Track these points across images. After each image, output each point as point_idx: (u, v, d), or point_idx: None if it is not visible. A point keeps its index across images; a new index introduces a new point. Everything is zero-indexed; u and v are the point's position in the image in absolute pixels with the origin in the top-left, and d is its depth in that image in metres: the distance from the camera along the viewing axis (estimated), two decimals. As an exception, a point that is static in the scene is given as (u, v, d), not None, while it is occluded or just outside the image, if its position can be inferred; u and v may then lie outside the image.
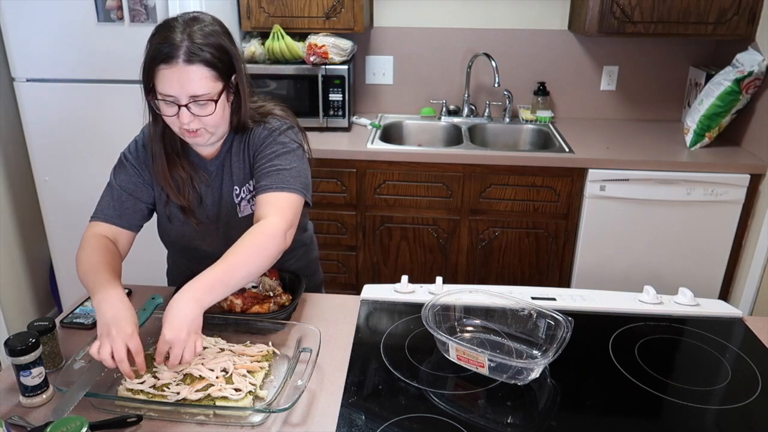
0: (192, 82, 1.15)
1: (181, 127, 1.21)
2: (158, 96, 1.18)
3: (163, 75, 1.15)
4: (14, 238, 2.56)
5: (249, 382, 1.06)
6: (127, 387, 1.05)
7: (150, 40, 1.19)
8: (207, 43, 1.16)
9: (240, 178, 1.36)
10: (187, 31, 1.16)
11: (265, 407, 1.02)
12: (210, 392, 1.03)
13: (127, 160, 1.35)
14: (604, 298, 1.43)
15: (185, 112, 1.17)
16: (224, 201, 1.37)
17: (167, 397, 1.03)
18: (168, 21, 1.20)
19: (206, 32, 1.18)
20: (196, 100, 1.17)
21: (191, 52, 1.14)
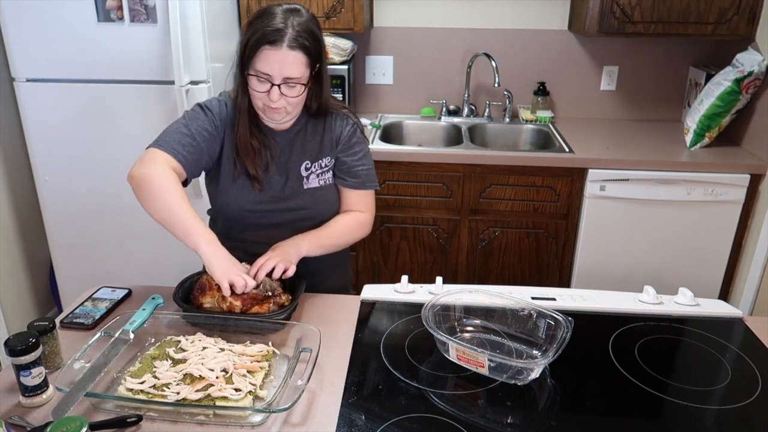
0: (290, 65, 1.29)
1: (265, 103, 1.33)
2: (253, 72, 1.30)
3: (266, 55, 1.28)
4: (14, 238, 2.56)
5: (249, 382, 1.07)
6: (127, 387, 1.05)
7: (252, 23, 1.31)
8: (307, 32, 1.30)
9: (314, 154, 1.48)
10: (290, 19, 1.29)
11: (265, 407, 1.02)
12: (210, 392, 1.03)
13: (209, 109, 1.41)
14: (604, 298, 1.43)
15: (276, 91, 1.30)
16: (291, 172, 1.47)
17: (167, 397, 1.03)
18: (269, 7, 1.32)
19: (306, 23, 1.31)
20: (287, 81, 1.30)
21: (294, 39, 1.28)
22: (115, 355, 1.13)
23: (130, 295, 1.43)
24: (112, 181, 2.37)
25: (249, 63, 1.31)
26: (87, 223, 2.44)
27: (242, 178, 1.44)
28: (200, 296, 1.31)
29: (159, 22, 2.14)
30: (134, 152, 1.79)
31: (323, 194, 1.50)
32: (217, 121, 1.41)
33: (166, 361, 1.12)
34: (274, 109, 1.35)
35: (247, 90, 1.36)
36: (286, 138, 1.47)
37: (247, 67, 1.32)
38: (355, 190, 1.52)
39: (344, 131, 1.49)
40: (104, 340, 1.16)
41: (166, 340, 1.19)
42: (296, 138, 1.48)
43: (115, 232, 2.45)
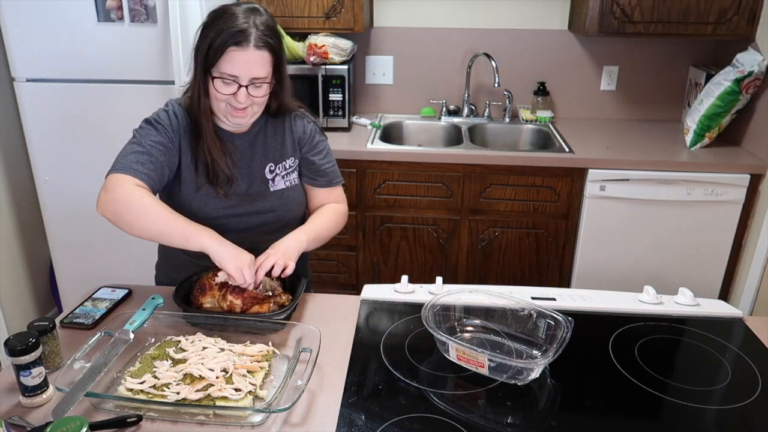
0: (257, 65, 1.28)
1: (232, 105, 1.31)
2: (218, 74, 1.28)
3: (233, 56, 1.26)
4: (14, 238, 2.56)
5: (249, 382, 1.06)
6: (127, 387, 1.05)
7: (211, 25, 1.29)
8: (271, 32, 1.30)
9: (277, 155, 1.48)
10: (252, 19, 1.28)
11: (265, 407, 1.02)
12: (210, 392, 1.03)
13: (158, 123, 1.38)
14: (604, 298, 1.43)
15: (243, 93, 1.29)
16: (254, 175, 1.46)
17: (167, 397, 1.03)
18: (229, 9, 1.29)
19: (268, 23, 1.31)
20: (254, 82, 1.29)
21: (261, 39, 1.27)
22: (115, 355, 1.12)
23: (130, 295, 1.43)
24: (112, 181, 2.37)
25: (213, 66, 1.28)
26: (87, 223, 2.44)
27: (205, 186, 1.41)
28: (200, 296, 1.30)
29: (159, 22, 2.15)
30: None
31: (290, 195, 1.50)
32: (169, 132, 1.37)
33: (166, 361, 1.12)
34: (239, 111, 1.33)
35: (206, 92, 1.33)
36: (246, 140, 1.45)
37: (210, 71, 1.29)
38: (325, 188, 1.54)
39: (306, 130, 1.50)
40: (104, 340, 1.16)
41: (166, 340, 1.19)
42: (256, 140, 1.46)
43: (115, 232, 2.42)
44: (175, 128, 1.38)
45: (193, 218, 1.38)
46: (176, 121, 1.39)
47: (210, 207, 1.42)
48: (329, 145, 1.56)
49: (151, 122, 1.38)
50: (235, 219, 1.44)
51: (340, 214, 1.55)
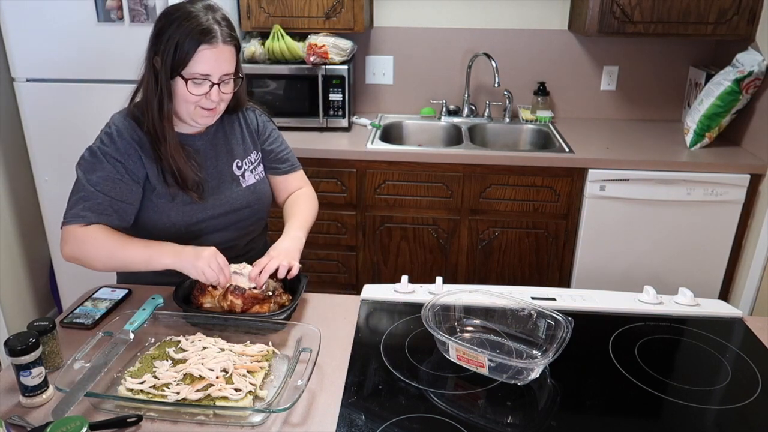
0: (226, 61, 1.28)
1: (201, 106, 1.29)
2: (188, 76, 1.25)
3: (204, 55, 1.24)
4: (14, 238, 2.56)
5: (249, 382, 1.06)
6: (127, 387, 1.05)
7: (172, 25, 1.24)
8: (231, 26, 1.30)
9: (240, 152, 1.48)
10: (211, 15, 1.27)
11: (265, 407, 1.02)
12: (210, 392, 1.03)
13: (105, 154, 1.31)
14: (604, 298, 1.43)
15: (216, 90, 1.28)
16: (223, 174, 1.45)
17: (167, 397, 1.03)
18: (186, 8, 1.26)
19: (226, 18, 1.30)
20: (224, 78, 1.29)
21: (227, 34, 1.27)
22: (115, 355, 1.12)
23: (130, 295, 1.43)
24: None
25: (183, 67, 1.24)
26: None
27: (180, 195, 1.37)
28: (200, 296, 1.31)
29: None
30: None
31: (261, 188, 1.51)
32: (117, 158, 1.31)
33: (166, 361, 1.12)
34: (209, 111, 1.31)
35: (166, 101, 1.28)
36: (206, 141, 1.43)
37: (179, 73, 1.25)
38: (289, 174, 1.58)
39: (259, 121, 1.52)
40: (104, 340, 1.16)
41: (166, 340, 1.19)
42: (216, 139, 1.45)
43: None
44: (124, 150, 1.32)
45: (173, 229, 1.39)
46: (122, 142, 1.32)
47: (188, 215, 1.40)
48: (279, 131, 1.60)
49: (95, 153, 1.31)
50: (214, 221, 1.44)
51: (313, 197, 1.60)
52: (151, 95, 1.30)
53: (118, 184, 1.31)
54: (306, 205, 1.55)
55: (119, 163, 1.31)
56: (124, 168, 1.32)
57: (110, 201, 1.30)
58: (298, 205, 1.54)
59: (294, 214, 1.51)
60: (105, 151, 1.31)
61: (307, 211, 1.53)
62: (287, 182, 1.58)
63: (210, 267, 1.25)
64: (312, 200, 1.59)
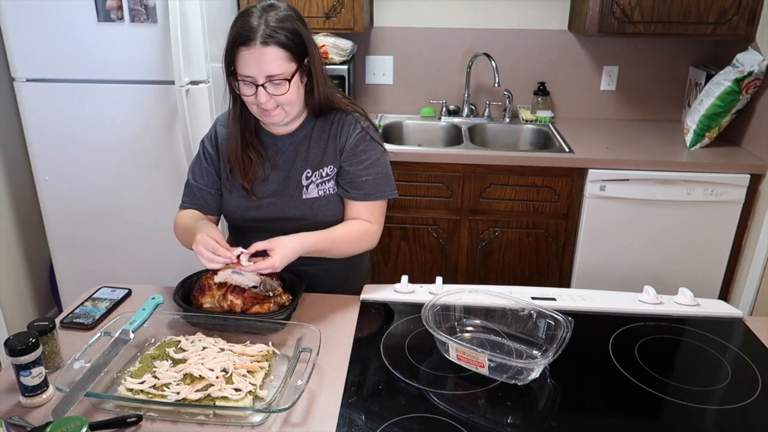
0: (268, 63, 1.25)
1: (258, 106, 1.31)
2: (239, 77, 1.29)
3: (243, 57, 1.26)
4: (14, 238, 2.56)
5: (249, 382, 1.07)
6: (127, 387, 1.05)
7: (231, 27, 1.29)
8: (281, 26, 1.26)
9: (316, 162, 1.43)
10: (264, 16, 1.26)
11: (265, 407, 1.02)
12: (210, 392, 1.03)
13: (204, 149, 1.48)
14: (604, 298, 1.43)
15: (262, 92, 1.27)
16: (291, 180, 1.44)
17: (167, 397, 1.03)
18: (247, 8, 1.30)
19: (281, 17, 1.27)
20: (271, 79, 1.27)
21: (267, 35, 1.24)
22: (115, 355, 1.12)
23: (130, 295, 1.43)
24: (112, 181, 2.37)
25: (233, 69, 1.29)
26: (87, 223, 2.44)
27: (238, 189, 1.44)
28: (200, 296, 1.31)
29: (159, 22, 2.14)
30: (134, 152, 1.80)
31: (323, 205, 1.43)
32: (210, 150, 1.47)
33: (166, 361, 1.12)
34: (268, 112, 1.32)
35: (238, 98, 1.36)
36: (290, 143, 1.44)
37: (233, 74, 1.30)
38: (357, 201, 1.44)
39: (350, 139, 1.41)
40: (104, 340, 1.16)
41: (166, 340, 1.19)
42: (301, 144, 1.43)
43: (115, 232, 2.45)
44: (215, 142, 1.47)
45: (231, 217, 1.51)
46: (215, 133, 1.47)
47: (242, 208, 1.46)
48: (381, 155, 1.44)
49: (199, 152, 1.50)
50: (267, 223, 1.45)
51: (365, 233, 1.43)
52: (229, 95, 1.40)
53: (205, 172, 1.48)
54: (344, 235, 1.40)
55: (208, 154, 1.47)
56: (211, 158, 1.47)
57: (198, 188, 1.47)
58: (341, 227, 1.42)
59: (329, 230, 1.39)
60: (203, 142, 1.49)
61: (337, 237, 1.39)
62: (352, 208, 1.44)
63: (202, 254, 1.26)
64: (356, 235, 1.42)
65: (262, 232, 1.38)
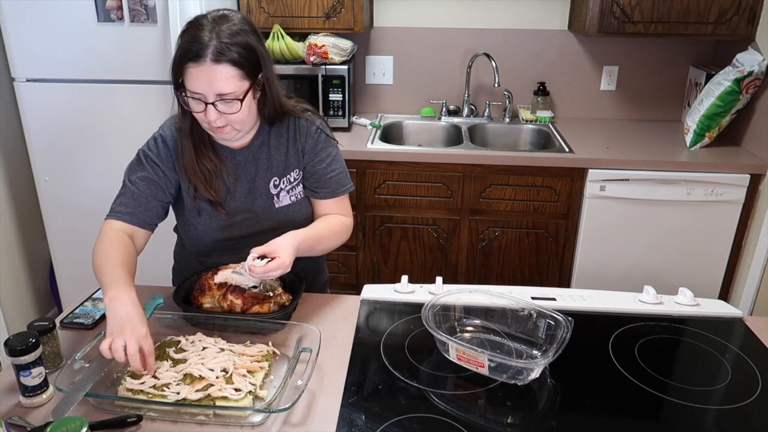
0: (219, 81, 1.18)
1: (209, 125, 1.25)
2: (188, 93, 1.21)
3: (191, 73, 1.18)
4: (14, 238, 2.56)
5: (249, 382, 1.07)
6: (127, 387, 1.05)
7: (180, 37, 1.21)
8: (234, 42, 1.18)
9: (280, 168, 1.40)
10: (216, 30, 1.18)
11: (265, 407, 1.02)
12: (210, 392, 1.04)
13: (147, 157, 1.35)
14: (604, 298, 1.43)
15: (212, 110, 1.21)
16: (259, 192, 1.40)
17: (167, 397, 1.03)
18: (198, 18, 1.22)
19: (234, 31, 1.19)
20: (222, 98, 1.20)
21: (219, 52, 1.17)
22: None
23: (130, 295, 1.42)
24: (112, 181, 2.35)
25: (181, 83, 1.22)
26: (87, 223, 2.43)
27: (207, 209, 1.38)
28: (200, 296, 1.31)
29: (159, 22, 2.15)
30: (134, 152, 1.76)
31: (296, 211, 1.43)
32: (158, 163, 1.34)
33: (166, 361, 1.12)
34: (219, 129, 1.26)
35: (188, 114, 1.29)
36: (248, 155, 1.39)
37: (181, 87, 1.23)
38: (327, 200, 1.44)
39: (309, 140, 1.40)
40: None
41: (166, 340, 1.19)
42: (260, 153, 1.39)
43: (115, 232, 2.44)
44: (164, 157, 1.35)
45: (201, 241, 1.41)
46: (165, 149, 1.35)
47: (214, 229, 1.40)
48: (337, 151, 1.46)
49: (139, 158, 1.36)
50: (242, 240, 1.40)
51: (345, 226, 1.44)
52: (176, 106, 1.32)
53: (153, 185, 1.35)
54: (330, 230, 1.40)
55: (158, 167, 1.35)
56: (162, 172, 1.35)
57: (145, 197, 1.34)
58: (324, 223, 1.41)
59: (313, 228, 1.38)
60: (147, 155, 1.35)
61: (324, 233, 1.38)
62: (325, 207, 1.44)
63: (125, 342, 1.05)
64: (338, 229, 1.42)
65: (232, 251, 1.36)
